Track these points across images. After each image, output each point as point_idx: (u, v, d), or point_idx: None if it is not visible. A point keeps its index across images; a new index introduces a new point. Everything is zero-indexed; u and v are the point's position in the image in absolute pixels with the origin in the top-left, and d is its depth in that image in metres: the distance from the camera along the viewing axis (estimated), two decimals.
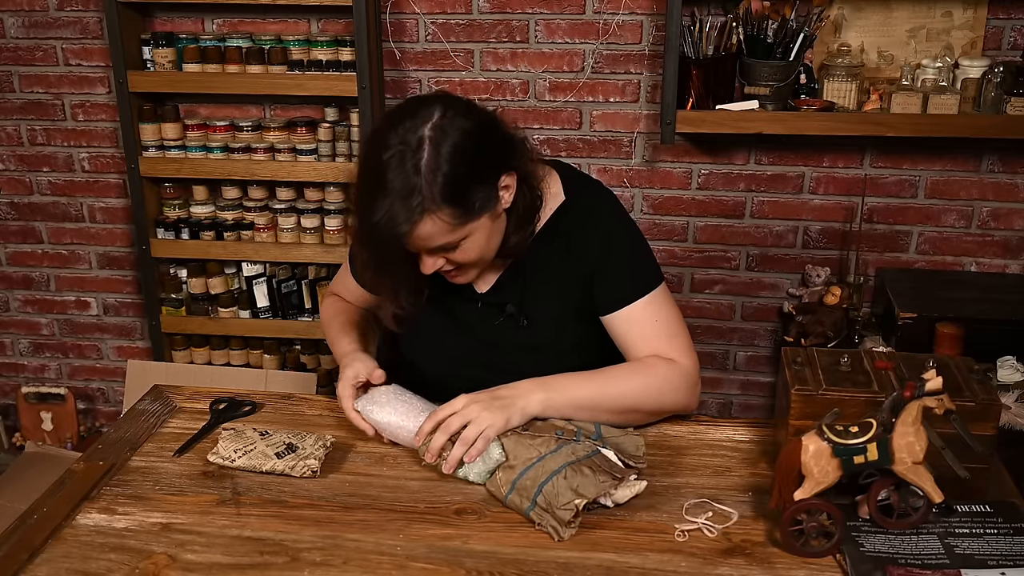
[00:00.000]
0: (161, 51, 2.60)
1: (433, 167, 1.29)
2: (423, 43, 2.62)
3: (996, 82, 2.29)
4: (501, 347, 1.54)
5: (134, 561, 1.17)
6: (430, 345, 1.60)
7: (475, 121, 1.35)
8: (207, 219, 2.75)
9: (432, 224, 1.31)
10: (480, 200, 1.35)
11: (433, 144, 1.30)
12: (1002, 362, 2.20)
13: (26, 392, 2.99)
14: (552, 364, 1.46)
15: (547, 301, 1.52)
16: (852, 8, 2.42)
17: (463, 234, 1.36)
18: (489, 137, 1.37)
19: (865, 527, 1.20)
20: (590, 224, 1.51)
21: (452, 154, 1.30)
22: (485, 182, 1.36)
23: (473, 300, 1.55)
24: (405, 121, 1.32)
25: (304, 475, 1.35)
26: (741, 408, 2.90)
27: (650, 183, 2.67)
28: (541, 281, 1.52)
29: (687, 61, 2.37)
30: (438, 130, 1.30)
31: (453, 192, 1.30)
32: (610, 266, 1.49)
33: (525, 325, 1.53)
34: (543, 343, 1.53)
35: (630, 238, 1.54)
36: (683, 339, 1.50)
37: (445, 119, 1.32)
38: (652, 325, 1.48)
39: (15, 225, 2.98)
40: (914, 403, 1.14)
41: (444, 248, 1.37)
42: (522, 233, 1.46)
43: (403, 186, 1.29)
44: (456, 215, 1.32)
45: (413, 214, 1.29)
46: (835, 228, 2.64)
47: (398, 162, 1.29)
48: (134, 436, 1.48)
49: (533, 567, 1.15)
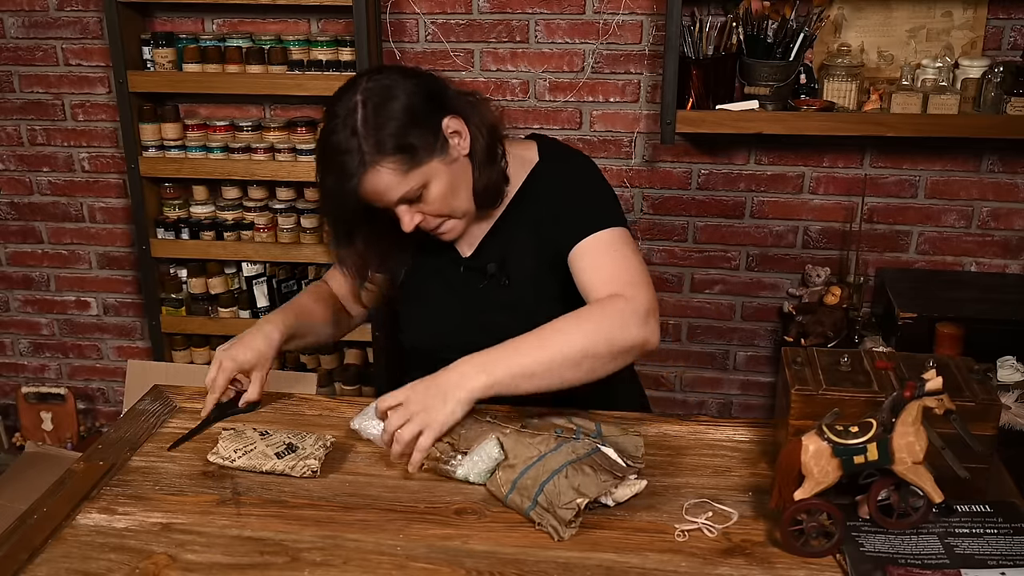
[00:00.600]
0: (161, 51, 2.60)
1: (368, 124, 1.38)
2: (423, 43, 2.62)
3: (996, 82, 2.29)
4: (487, 310, 1.57)
5: (134, 561, 1.17)
6: (421, 316, 1.64)
7: (402, 76, 1.44)
8: (207, 219, 2.75)
9: (379, 176, 1.39)
10: (422, 144, 1.41)
11: (364, 105, 1.39)
12: (1002, 362, 2.20)
13: (26, 392, 3.00)
14: (536, 321, 1.41)
15: (524, 259, 1.56)
16: (852, 8, 2.42)
17: (418, 181, 1.42)
18: (420, 88, 1.44)
19: (865, 527, 1.20)
20: (561, 180, 1.56)
21: (382, 107, 1.39)
22: (424, 127, 1.42)
23: (457, 264, 1.60)
24: (339, 98, 1.42)
25: (304, 475, 1.35)
26: (741, 408, 2.90)
27: (650, 183, 2.67)
28: (519, 239, 1.57)
29: (687, 61, 2.37)
30: (366, 92, 1.40)
31: (390, 141, 1.38)
32: (570, 206, 1.52)
33: (507, 284, 1.56)
34: (523, 300, 1.56)
35: (593, 183, 1.58)
36: (637, 277, 1.41)
37: (371, 81, 1.42)
38: (606, 261, 1.44)
39: (15, 225, 2.98)
40: (914, 403, 1.13)
41: (407, 200, 1.43)
42: (489, 175, 1.50)
43: (344, 148, 1.38)
44: (400, 162, 1.40)
45: (356, 170, 1.38)
46: (835, 228, 2.64)
47: (340, 129, 1.39)
48: (134, 436, 1.48)
49: (533, 567, 1.15)
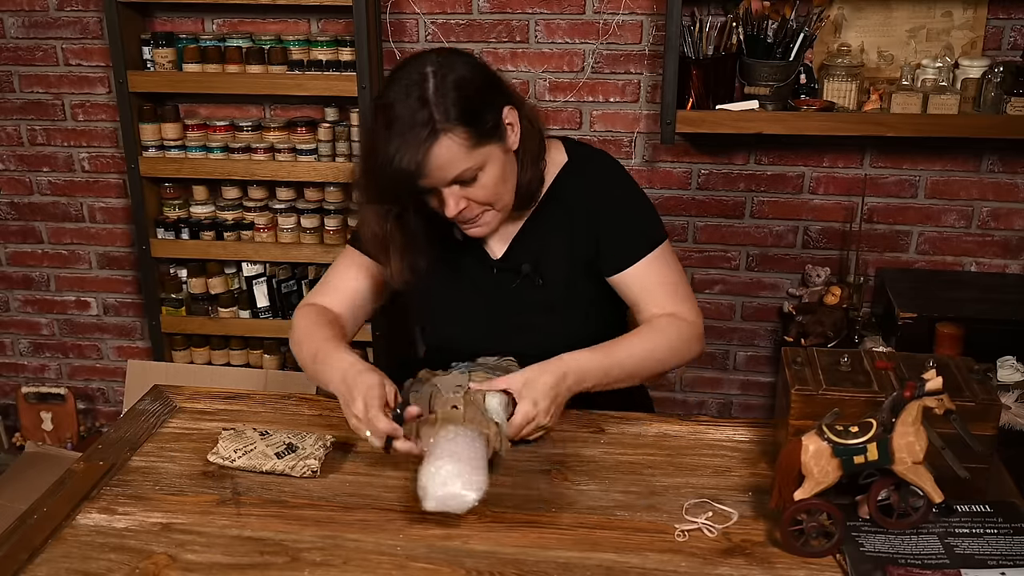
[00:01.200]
0: (161, 51, 2.60)
1: (440, 92, 1.34)
2: (423, 43, 2.62)
3: (996, 82, 2.29)
4: (520, 310, 1.57)
5: (134, 561, 1.17)
6: (450, 317, 1.63)
7: (470, 59, 1.43)
8: (207, 219, 2.75)
9: (447, 146, 1.35)
10: (490, 123, 1.39)
11: (436, 76, 1.36)
12: (1002, 362, 2.20)
13: (26, 392, 3.00)
14: (570, 322, 1.55)
15: (559, 260, 1.56)
16: (852, 8, 2.42)
17: (477, 161, 1.38)
18: (486, 71, 1.44)
19: (865, 527, 1.20)
20: (592, 182, 1.56)
21: (456, 81, 1.36)
22: (491, 109, 1.40)
23: (488, 267, 1.58)
24: (404, 69, 1.39)
25: (304, 475, 1.34)
26: (741, 408, 2.89)
27: (650, 183, 2.67)
28: (552, 240, 1.56)
29: (687, 61, 2.37)
30: (438, 65, 1.37)
31: (463, 109, 1.35)
32: (614, 226, 1.54)
33: (541, 285, 1.56)
34: (559, 301, 1.57)
35: (632, 195, 1.59)
36: (687, 293, 1.56)
37: (442, 57, 1.40)
38: (658, 283, 1.54)
39: (15, 225, 2.98)
40: (914, 403, 1.13)
41: (462, 181, 1.39)
42: (532, 173, 1.50)
43: (411, 116, 1.33)
44: (470, 135, 1.36)
45: (427, 138, 1.33)
46: (835, 228, 2.64)
47: (404, 97, 1.34)
48: (134, 436, 1.48)
49: (533, 567, 1.15)
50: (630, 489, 1.32)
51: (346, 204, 2.69)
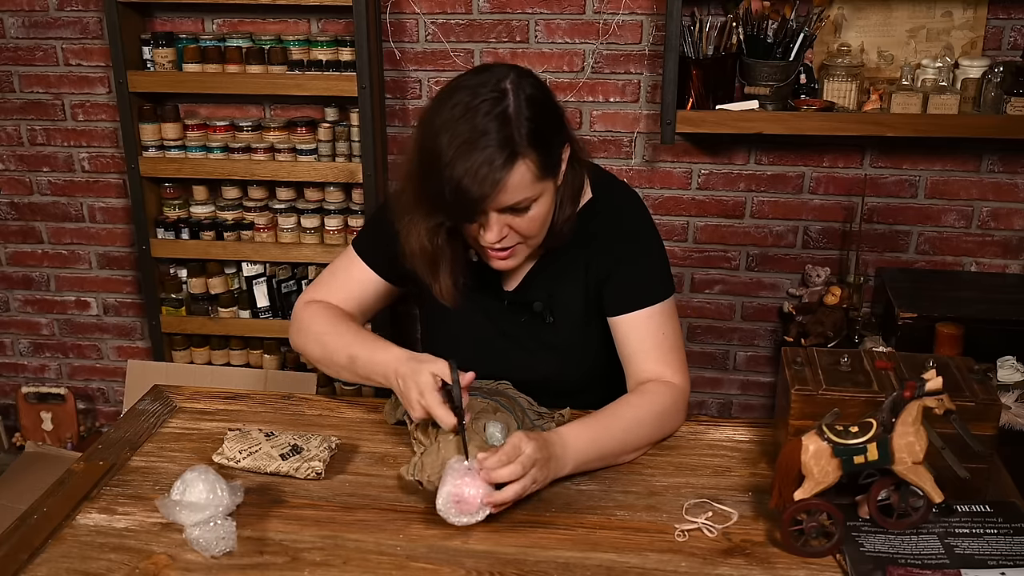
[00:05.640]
0: (161, 51, 2.60)
1: (522, 114, 1.31)
2: (423, 43, 2.62)
3: (996, 82, 2.29)
4: (526, 346, 1.54)
5: (134, 561, 1.17)
6: (456, 341, 1.58)
7: (541, 82, 1.39)
8: (207, 219, 2.75)
9: (521, 172, 1.31)
10: (556, 154, 1.37)
11: (515, 95, 1.31)
12: (1002, 362, 2.20)
13: (26, 392, 3.00)
14: (576, 364, 1.51)
15: (572, 300, 1.52)
16: (852, 8, 2.42)
17: (536, 192, 1.34)
18: (553, 99, 1.40)
19: (865, 527, 1.20)
20: (615, 225, 1.51)
21: (532, 104, 1.32)
22: (559, 137, 1.38)
23: (500, 298, 1.55)
24: (479, 78, 1.34)
25: (308, 477, 1.34)
26: (741, 408, 2.90)
27: (650, 183, 2.67)
28: (567, 279, 1.52)
29: (687, 61, 2.37)
30: (515, 84, 1.33)
31: (538, 137, 1.32)
32: (625, 269, 1.49)
33: (551, 323, 1.52)
34: (568, 342, 1.53)
35: (650, 245, 1.53)
36: (680, 357, 1.49)
37: (518, 75, 1.35)
38: (654, 337, 1.48)
39: (15, 225, 2.98)
40: (914, 403, 1.14)
41: (516, 209, 1.35)
42: (570, 213, 1.45)
43: (490, 133, 1.29)
44: (540, 164, 1.33)
45: (506, 161, 1.29)
46: (835, 228, 2.64)
47: (486, 112, 1.29)
48: (134, 436, 1.48)
49: (533, 567, 1.15)
50: (630, 489, 1.32)
51: (346, 204, 2.69)
